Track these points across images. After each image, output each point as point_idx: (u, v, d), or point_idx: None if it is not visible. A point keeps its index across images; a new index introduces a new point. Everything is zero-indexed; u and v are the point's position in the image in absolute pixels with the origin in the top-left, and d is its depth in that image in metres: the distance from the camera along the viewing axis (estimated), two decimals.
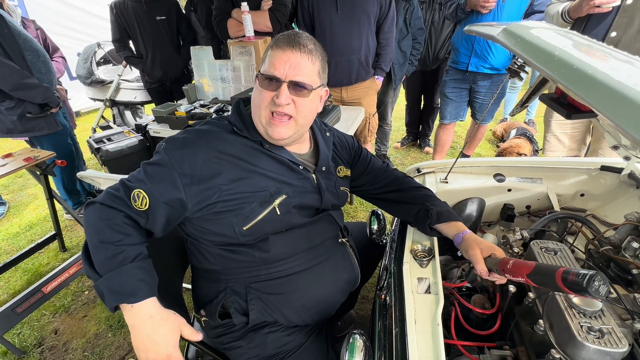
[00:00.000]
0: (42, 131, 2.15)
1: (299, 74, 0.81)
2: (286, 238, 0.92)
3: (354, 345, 0.77)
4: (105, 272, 0.70)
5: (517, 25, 0.77)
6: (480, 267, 0.83)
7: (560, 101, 0.80)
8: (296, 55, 0.81)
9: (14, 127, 2.06)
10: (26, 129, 2.09)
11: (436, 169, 1.42)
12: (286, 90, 0.80)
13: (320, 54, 0.87)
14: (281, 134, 0.85)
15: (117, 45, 2.81)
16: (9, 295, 2.01)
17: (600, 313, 0.72)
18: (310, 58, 0.82)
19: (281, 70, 0.80)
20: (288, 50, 0.81)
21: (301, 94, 0.82)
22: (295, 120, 0.85)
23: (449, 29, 2.76)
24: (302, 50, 0.81)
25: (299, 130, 0.88)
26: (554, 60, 0.53)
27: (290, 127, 0.85)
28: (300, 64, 0.81)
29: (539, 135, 3.45)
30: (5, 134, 2.10)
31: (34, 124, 2.10)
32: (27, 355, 1.66)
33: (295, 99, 0.82)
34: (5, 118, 2.02)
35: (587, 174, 1.31)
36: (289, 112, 0.83)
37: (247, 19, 2.10)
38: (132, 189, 0.78)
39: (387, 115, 3.04)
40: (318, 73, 0.86)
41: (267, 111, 0.84)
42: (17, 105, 2.01)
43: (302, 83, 0.81)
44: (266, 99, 0.83)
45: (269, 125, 0.84)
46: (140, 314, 0.70)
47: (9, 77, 1.89)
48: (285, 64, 0.80)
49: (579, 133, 2.04)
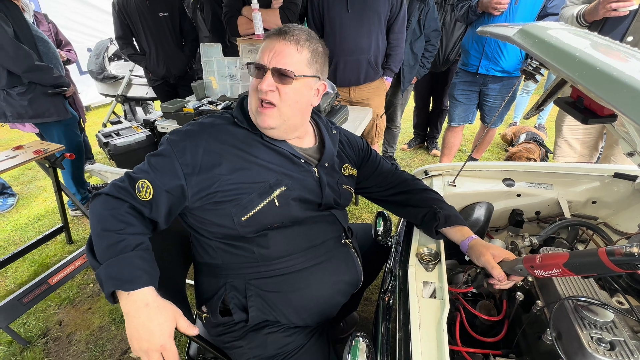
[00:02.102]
0: (51, 117, 2.18)
1: (282, 61, 0.82)
2: (286, 235, 0.92)
3: (356, 348, 0.76)
4: (106, 260, 0.70)
5: (534, 26, 0.75)
6: (497, 272, 0.81)
7: (577, 105, 0.78)
8: (280, 43, 0.82)
9: (24, 112, 2.10)
10: (37, 114, 2.13)
11: (444, 171, 1.40)
12: (270, 77, 0.82)
13: (313, 45, 0.86)
14: (267, 123, 0.85)
15: (120, 42, 2.80)
16: (16, 285, 2.04)
17: (611, 324, 0.70)
18: (296, 47, 0.83)
19: (265, 58, 0.83)
20: (274, 38, 0.83)
21: (284, 81, 0.83)
22: (279, 109, 0.84)
23: (460, 30, 2.72)
24: (287, 38, 0.82)
25: (287, 122, 0.87)
26: (576, 62, 0.51)
27: (275, 116, 0.85)
28: (284, 51, 0.82)
29: (549, 141, 3.40)
30: (16, 119, 2.14)
31: (43, 110, 2.14)
32: (31, 345, 1.68)
33: (279, 87, 0.83)
34: (16, 103, 2.06)
35: (599, 180, 1.28)
36: (271, 99, 0.83)
37: (257, 16, 2.10)
38: (137, 180, 0.79)
39: (396, 117, 3.02)
40: (307, 63, 0.85)
41: (255, 98, 0.85)
42: (28, 91, 2.06)
43: (284, 70, 0.82)
44: (253, 86, 0.85)
45: (257, 114, 0.86)
46: (137, 301, 0.69)
47: (23, 59, 1.94)
48: (270, 52, 0.83)
49: (591, 139, 2.00)
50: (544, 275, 0.71)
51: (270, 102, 0.83)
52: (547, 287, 0.85)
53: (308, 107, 0.92)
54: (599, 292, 0.80)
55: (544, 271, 0.70)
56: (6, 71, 1.96)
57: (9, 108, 2.07)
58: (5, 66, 1.95)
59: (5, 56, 1.89)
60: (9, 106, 2.06)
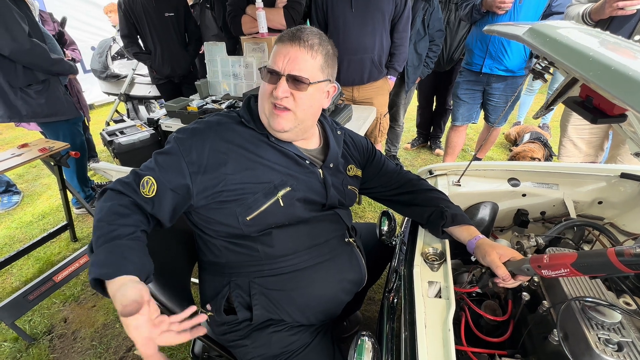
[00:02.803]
0: (64, 115, 2.23)
1: (297, 68, 0.82)
2: (290, 233, 0.92)
3: (362, 347, 0.76)
4: (97, 249, 0.69)
5: (545, 25, 0.74)
6: (502, 271, 0.81)
7: (585, 105, 0.77)
8: (295, 49, 0.82)
9: (40, 110, 2.12)
10: (52, 112, 2.17)
11: (449, 171, 1.39)
12: (284, 83, 0.82)
13: (325, 48, 0.86)
14: (282, 125, 0.85)
15: (125, 41, 2.83)
16: (22, 283, 2.05)
17: (619, 325, 0.70)
18: (311, 52, 0.83)
19: (280, 64, 0.82)
20: (288, 44, 0.83)
21: (299, 87, 0.83)
22: (295, 114, 0.85)
23: (465, 29, 2.71)
24: (302, 44, 0.82)
25: (300, 125, 0.88)
26: (590, 61, 0.50)
27: (290, 119, 0.85)
28: (299, 57, 0.82)
29: (553, 140, 3.38)
30: (31, 119, 2.16)
31: (58, 108, 2.18)
32: (37, 342, 1.69)
33: (294, 93, 0.83)
34: (33, 102, 2.08)
35: (606, 181, 1.28)
36: (287, 105, 0.84)
37: (261, 15, 2.10)
38: (142, 176, 0.80)
39: (399, 116, 3.01)
40: (320, 68, 0.86)
41: (268, 103, 0.85)
42: (44, 89, 2.09)
43: (299, 77, 0.82)
44: (267, 92, 0.85)
45: (271, 116, 0.86)
46: (119, 282, 0.65)
47: (47, 53, 1.99)
48: (284, 58, 0.82)
49: (597, 138, 1.99)
50: (551, 275, 0.71)
51: (285, 106, 0.84)
52: (554, 288, 0.85)
53: (319, 109, 0.93)
54: (606, 293, 0.79)
55: (552, 271, 0.70)
56: (22, 68, 1.97)
57: (25, 107, 2.08)
58: (29, 63, 1.96)
59: (27, 54, 1.90)
60: (25, 105, 2.07)
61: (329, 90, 0.93)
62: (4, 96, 2.01)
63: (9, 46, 1.82)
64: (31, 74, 2.01)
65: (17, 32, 1.82)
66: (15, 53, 1.85)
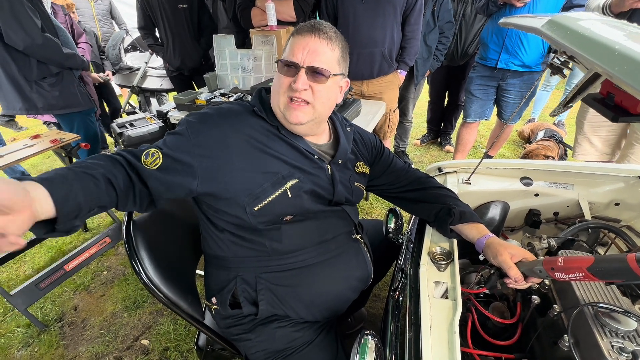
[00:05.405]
0: (79, 107, 2.26)
1: (317, 60, 0.80)
2: (298, 229, 0.91)
3: (365, 347, 0.75)
4: None
5: (565, 17, 0.70)
6: (514, 272, 0.78)
7: (606, 102, 0.73)
8: (315, 40, 0.80)
9: (55, 102, 2.16)
10: (67, 104, 2.21)
11: (458, 168, 1.36)
12: (304, 75, 0.80)
13: (341, 42, 0.86)
14: (299, 118, 0.83)
15: (142, 32, 2.87)
16: (34, 271, 2.10)
17: (634, 333, 0.67)
18: (330, 44, 0.81)
19: (299, 56, 0.80)
20: (307, 36, 0.81)
21: (319, 79, 0.81)
22: (313, 106, 0.83)
23: (481, 23, 2.64)
24: (322, 36, 0.80)
25: (317, 118, 0.86)
26: (615, 55, 0.47)
27: (308, 112, 0.84)
28: (318, 49, 0.80)
29: (568, 139, 3.28)
30: (47, 111, 2.19)
31: (73, 99, 2.23)
32: (48, 328, 1.74)
33: (312, 85, 0.81)
34: (48, 94, 2.12)
35: (624, 181, 1.23)
36: (306, 98, 0.82)
37: (270, 7, 2.07)
38: (149, 148, 0.76)
39: (408, 111, 2.96)
40: (338, 61, 0.84)
41: (285, 97, 0.83)
42: (58, 81, 2.12)
43: (319, 69, 0.80)
44: (284, 85, 0.82)
45: (287, 109, 0.83)
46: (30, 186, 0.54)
47: (59, 48, 2.02)
48: (304, 50, 0.80)
49: (614, 136, 1.92)
50: (565, 278, 0.68)
51: (304, 99, 0.82)
52: (566, 292, 0.82)
53: (334, 104, 0.91)
54: (621, 299, 0.76)
55: (565, 274, 0.67)
56: (36, 62, 1.99)
57: (40, 100, 2.11)
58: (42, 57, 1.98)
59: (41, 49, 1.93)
60: (40, 97, 2.10)
61: (342, 86, 0.91)
62: (20, 90, 2.04)
63: (24, 41, 1.84)
64: (45, 67, 2.04)
65: (30, 27, 1.84)
66: (29, 48, 1.88)
